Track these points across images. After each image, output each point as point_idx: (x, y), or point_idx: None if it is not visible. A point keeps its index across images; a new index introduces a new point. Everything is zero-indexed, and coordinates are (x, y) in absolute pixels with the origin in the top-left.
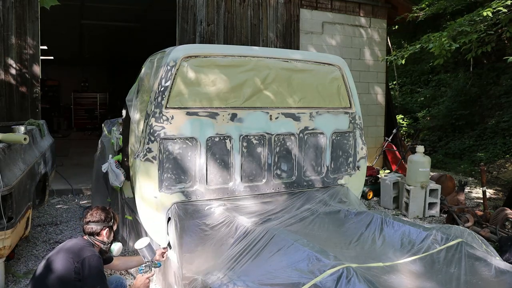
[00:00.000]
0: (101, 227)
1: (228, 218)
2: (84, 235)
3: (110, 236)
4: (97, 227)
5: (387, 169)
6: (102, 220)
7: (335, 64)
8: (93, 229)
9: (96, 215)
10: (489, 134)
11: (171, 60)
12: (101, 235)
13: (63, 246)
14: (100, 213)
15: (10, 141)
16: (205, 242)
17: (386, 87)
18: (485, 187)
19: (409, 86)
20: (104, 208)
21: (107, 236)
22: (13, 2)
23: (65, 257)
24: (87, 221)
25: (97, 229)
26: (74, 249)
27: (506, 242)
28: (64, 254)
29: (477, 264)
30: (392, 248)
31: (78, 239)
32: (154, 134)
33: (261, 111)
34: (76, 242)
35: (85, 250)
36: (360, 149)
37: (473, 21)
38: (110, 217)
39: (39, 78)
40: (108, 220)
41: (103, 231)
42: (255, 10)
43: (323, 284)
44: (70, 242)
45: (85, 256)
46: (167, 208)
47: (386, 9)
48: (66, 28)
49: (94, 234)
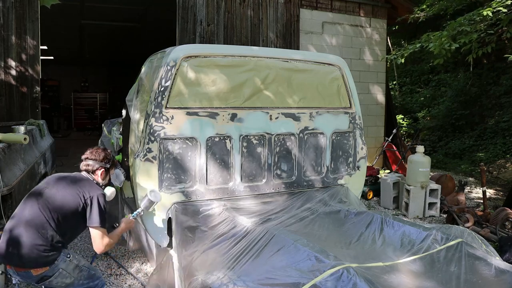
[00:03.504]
0: (97, 166)
1: (228, 218)
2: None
3: (105, 178)
4: (94, 165)
5: (387, 169)
6: (99, 159)
7: (335, 64)
8: (89, 166)
9: (95, 153)
10: (489, 134)
11: (171, 60)
12: (95, 175)
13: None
14: (100, 152)
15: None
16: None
17: (386, 87)
18: (485, 187)
19: (409, 86)
20: (105, 149)
21: (102, 177)
22: (13, 2)
23: (73, 189)
24: (85, 157)
25: (93, 166)
26: (83, 183)
27: (506, 242)
28: (72, 186)
29: (477, 264)
30: (392, 248)
31: (81, 174)
32: (154, 134)
33: (261, 111)
34: (82, 177)
35: (93, 187)
36: (360, 149)
37: (473, 20)
38: (108, 158)
39: (39, 78)
40: (106, 161)
41: (98, 171)
42: (255, 10)
43: (323, 284)
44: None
45: (94, 194)
46: (167, 208)
47: (386, 9)
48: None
49: (90, 172)
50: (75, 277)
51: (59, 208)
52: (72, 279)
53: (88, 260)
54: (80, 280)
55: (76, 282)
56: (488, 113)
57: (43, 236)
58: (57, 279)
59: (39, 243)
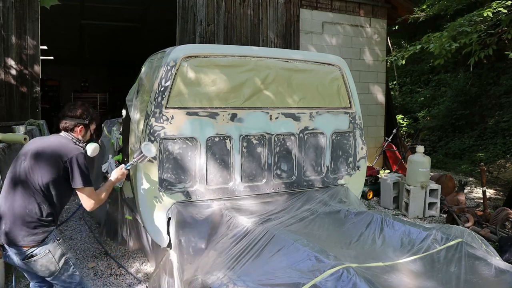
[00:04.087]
0: (75, 123)
1: (228, 218)
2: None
3: (85, 135)
4: (71, 123)
5: (387, 169)
6: (77, 116)
7: (335, 64)
8: (66, 124)
9: (73, 110)
10: (489, 134)
11: (171, 60)
12: (74, 132)
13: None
14: (77, 108)
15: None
16: (205, 242)
17: (386, 87)
18: (485, 187)
19: (409, 86)
20: (84, 104)
21: (81, 134)
22: (13, 2)
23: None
24: (62, 115)
25: (70, 124)
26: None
27: (506, 242)
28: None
29: (477, 264)
30: (392, 248)
31: (56, 136)
32: (154, 134)
33: (261, 111)
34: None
35: (70, 147)
36: (360, 149)
37: (473, 21)
38: (86, 114)
39: (39, 78)
40: (84, 116)
41: (77, 128)
42: (255, 10)
43: (323, 284)
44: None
45: (73, 154)
46: (167, 208)
47: (386, 9)
48: (66, 28)
49: (68, 130)
50: (59, 267)
51: (42, 179)
52: (57, 269)
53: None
54: (62, 275)
55: (59, 276)
56: (488, 113)
57: (32, 212)
58: (43, 260)
59: (29, 220)
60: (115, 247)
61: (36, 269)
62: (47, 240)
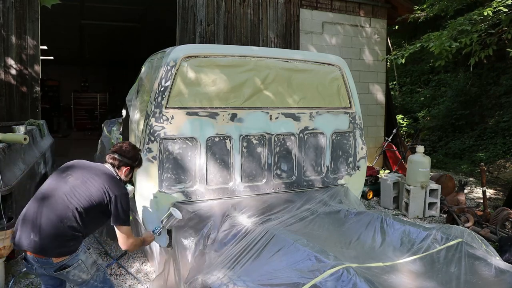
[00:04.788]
0: (124, 162)
1: (228, 218)
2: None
3: (127, 176)
4: (120, 161)
5: (387, 169)
6: (128, 157)
7: (335, 64)
8: (115, 161)
9: (126, 149)
10: (489, 134)
11: (171, 60)
12: (120, 171)
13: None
14: (130, 149)
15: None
16: (205, 242)
17: (386, 87)
18: (485, 187)
19: (409, 86)
20: (135, 148)
21: (125, 174)
22: (13, 2)
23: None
24: (114, 151)
25: (119, 162)
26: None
27: (506, 242)
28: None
29: (477, 264)
30: (392, 248)
31: (105, 168)
32: (154, 134)
33: (261, 111)
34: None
35: (118, 184)
36: (360, 149)
37: (473, 20)
38: (137, 157)
39: (39, 78)
40: (134, 159)
41: (124, 168)
42: (255, 10)
43: (323, 284)
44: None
45: (119, 192)
46: (167, 208)
47: (386, 9)
48: (66, 28)
49: (115, 166)
50: (92, 274)
51: (84, 200)
52: (89, 276)
53: None
54: (95, 281)
55: (92, 282)
56: (488, 113)
57: (66, 226)
58: (75, 270)
59: (63, 233)
60: (115, 247)
61: (68, 279)
62: (78, 251)
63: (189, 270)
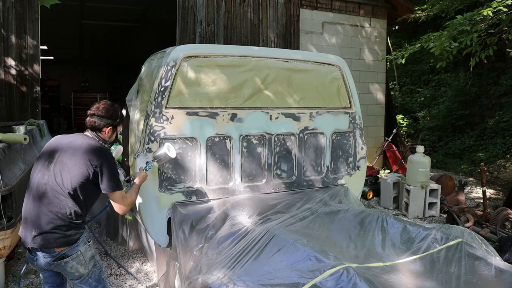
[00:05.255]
0: (104, 123)
1: (228, 218)
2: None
3: (112, 136)
4: (101, 122)
5: (387, 169)
6: (107, 116)
7: (335, 64)
8: (95, 123)
9: (103, 109)
10: (489, 134)
11: (171, 60)
12: (102, 132)
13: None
14: (107, 108)
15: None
16: (205, 242)
17: (386, 87)
18: (485, 187)
19: (409, 86)
20: (113, 105)
21: (108, 134)
22: (13, 2)
23: (81, 159)
24: (91, 113)
25: (100, 124)
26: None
27: (506, 242)
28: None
29: (477, 264)
30: (392, 248)
31: (83, 137)
32: (154, 134)
33: (261, 111)
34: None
35: (100, 150)
36: (360, 149)
37: (473, 20)
38: (117, 115)
39: (39, 78)
40: (114, 117)
41: (106, 128)
42: (255, 10)
43: (323, 284)
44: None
45: (103, 159)
46: (167, 208)
47: (386, 9)
48: (66, 28)
49: (96, 130)
50: (89, 269)
51: (71, 182)
52: (86, 271)
53: None
54: (90, 278)
55: (87, 278)
56: (488, 113)
57: (63, 216)
58: (73, 262)
59: (60, 223)
60: (115, 247)
61: (66, 271)
62: (78, 242)
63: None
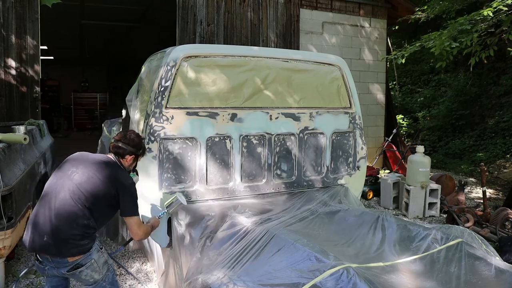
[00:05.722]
0: (129, 151)
1: (228, 218)
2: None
3: (132, 164)
4: (125, 149)
5: (387, 169)
6: (132, 145)
7: (335, 64)
8: (120, 149)
9: (130, 137)
10: (489, 134)
11: (171, 60)
12: (124, 160)
13: (96, 161)
14: (134, 137)
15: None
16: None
17: (386, 87)
18: (485, 187)
19: (409, 86)
20: (139, 136)
21: (129, 162)
22: (13, 2)
23: (104, 176)
24: (117, 139)
25: (124, 150)
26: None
27: (506, 242)
28: (102, 172)
29: (477, 264)
30: (392, 248)
31: (108, 158)
32: (154, 134)
33: (261, 111)
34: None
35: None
36: (360, 149)
37: (473, 20)
38: (141, 146)
39: (39, 78)
40: (138, 147)
41: (129, 156)
42: (255, 10)
43: (323, 284)
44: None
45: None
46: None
47: (386, 9)
48: (66, 28)
49: (119, 155)
50: (103, 274)
51: (91, 196)
52: (100, 276)
53: None
54: (104, 282)
55: (101, 282)
56: (488, 113)
57: (78, 225)
58: (88, 270)
59: (75, 232)
60: (115, 247)
61: (80, 279)
62: (92, 250)
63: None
